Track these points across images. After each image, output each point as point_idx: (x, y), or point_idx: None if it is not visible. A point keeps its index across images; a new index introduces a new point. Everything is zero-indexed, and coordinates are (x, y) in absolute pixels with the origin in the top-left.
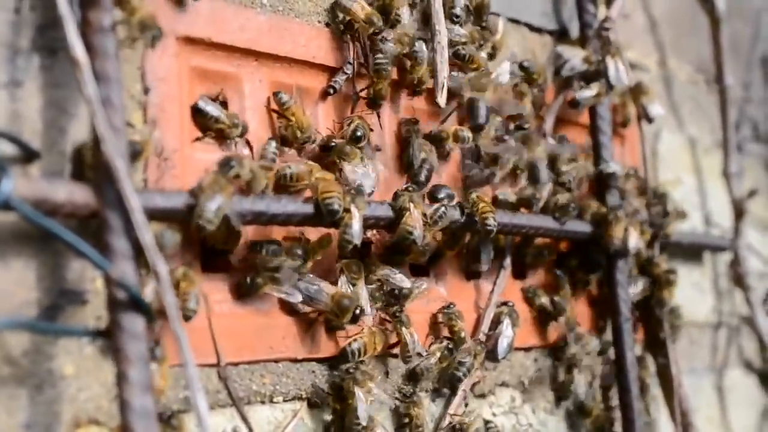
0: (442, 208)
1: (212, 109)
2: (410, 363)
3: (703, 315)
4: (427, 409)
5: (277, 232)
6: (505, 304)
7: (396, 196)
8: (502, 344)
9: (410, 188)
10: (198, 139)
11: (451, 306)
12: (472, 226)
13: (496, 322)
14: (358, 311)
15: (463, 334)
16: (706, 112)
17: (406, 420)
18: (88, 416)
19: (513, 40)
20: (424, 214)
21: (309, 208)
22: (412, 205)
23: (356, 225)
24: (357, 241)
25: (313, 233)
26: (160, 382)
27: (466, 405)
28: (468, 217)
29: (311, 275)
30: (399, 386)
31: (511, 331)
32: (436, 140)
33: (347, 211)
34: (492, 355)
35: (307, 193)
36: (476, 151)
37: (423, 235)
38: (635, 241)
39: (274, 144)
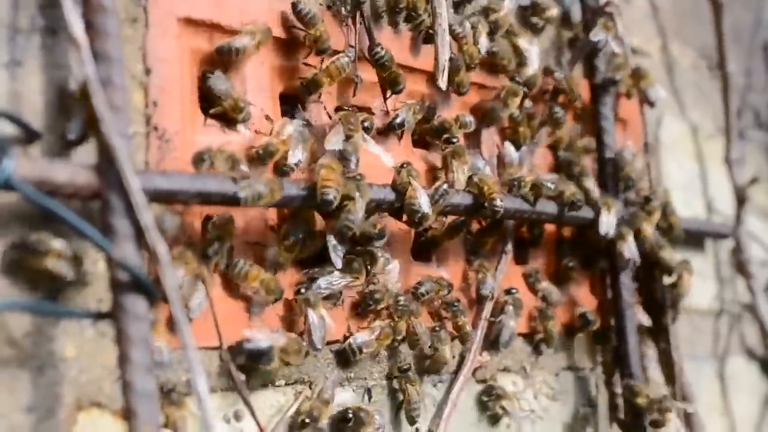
0: (444, 185)
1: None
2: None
3: (705, 302)
4: (429, 393)
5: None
6: (509, 292)
7: (395, 173)
8: (504, 336)
9: (404, 164)
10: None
11: (456, 303)
12: (478, 209)
13: (500, 310)
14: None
15: (468, 329)
16: (708, 99)
17: (401, 396)
18: (89, 399)
19: None
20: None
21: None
22: (411, 179)
23: (359, 213)
24: (357, 229)
25: None
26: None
27: None
28: (474, 199)
29: None
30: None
31: (514, 322)
32: (441, 131)
33: (350, 198)
34: (494, 345)
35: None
36: None
37: (430, 206)
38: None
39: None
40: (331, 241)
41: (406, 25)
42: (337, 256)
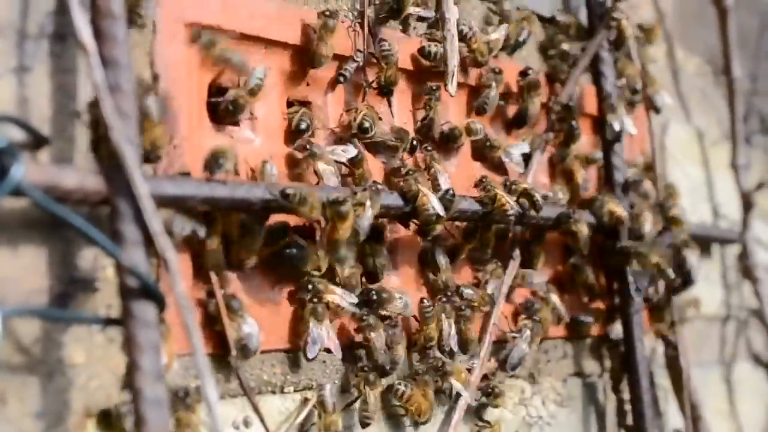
0: (451, 190)
1: None
2: None
3: (712, 308)
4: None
5: None
6: (531, 318)
7: (402, 179)
8: (513, 358)
9: (410, 170)
10: None
11: (464, 308)
12: (489, 215)
13: (518, 330)
14: None
15: (473, 335)
16: (713, 104)
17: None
18: (98, 405)
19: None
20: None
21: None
22: (419, 185)
23: (369, 215)
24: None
25: None
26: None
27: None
28: (483, 205)
29: None
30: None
31: (526, 346)
32: (451, 139)
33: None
34: (503, 365)
35: None
36: None
37: (443, 210)
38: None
39: None
40: None
41: (416, 30)
42: None
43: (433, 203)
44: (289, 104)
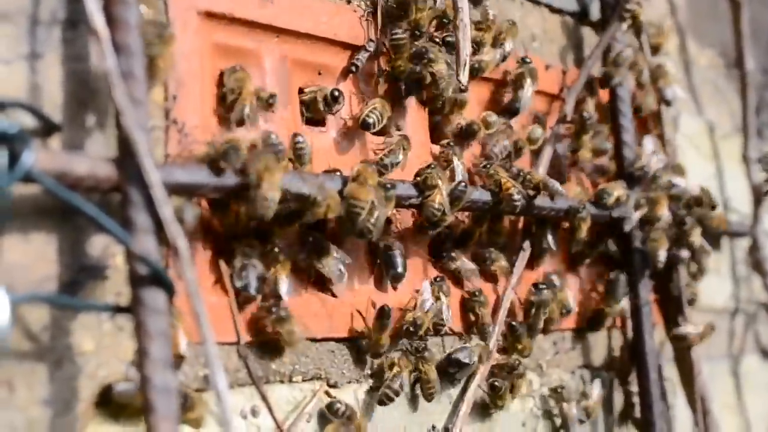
0: (462, 184)
1: None
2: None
3: (721, 301)
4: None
5: None
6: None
7: (420, 173)
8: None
9: (432, 165)
10: None
11: (477, 293)
12: (496, 203)
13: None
14: None
15: (487, 320)
16: (725, 97)
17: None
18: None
19: (532, 20)
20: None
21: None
22: (440, 181)
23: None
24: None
25: None
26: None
27: None
28: (492, 194)
29: None
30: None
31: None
32: (470, 134)
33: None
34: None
35: None
36: None
37: (450, 208)
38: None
39: None
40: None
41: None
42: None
43: (443, 202)
44: (300, 92)
